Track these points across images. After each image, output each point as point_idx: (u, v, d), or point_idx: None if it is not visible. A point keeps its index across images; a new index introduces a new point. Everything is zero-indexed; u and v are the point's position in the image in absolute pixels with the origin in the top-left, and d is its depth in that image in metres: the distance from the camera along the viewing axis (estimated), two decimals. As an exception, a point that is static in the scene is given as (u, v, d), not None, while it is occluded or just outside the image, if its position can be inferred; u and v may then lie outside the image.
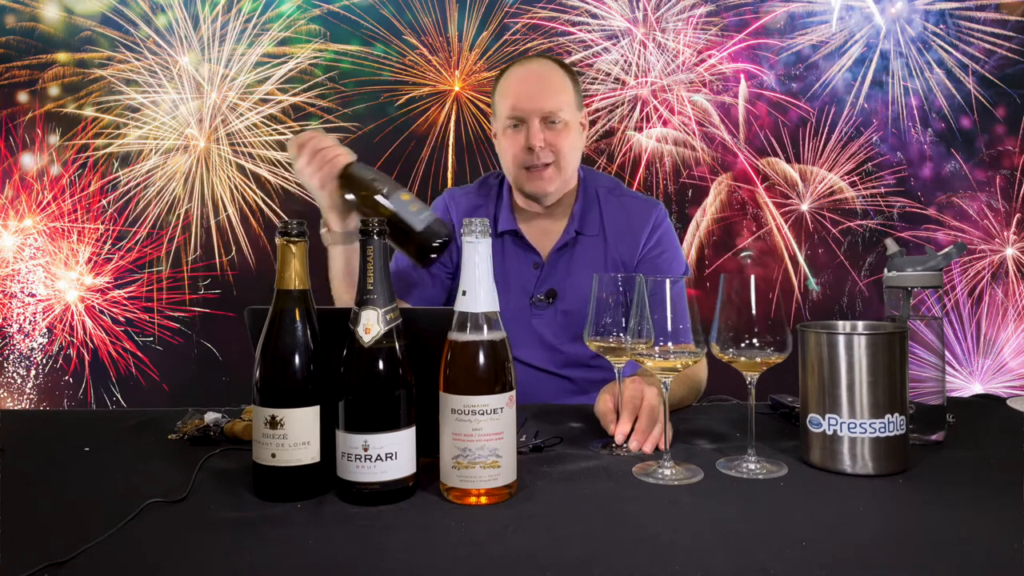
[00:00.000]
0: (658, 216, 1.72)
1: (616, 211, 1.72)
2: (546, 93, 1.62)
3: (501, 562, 0.79)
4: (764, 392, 1.30)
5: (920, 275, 1.21)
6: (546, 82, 1.63)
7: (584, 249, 1.69)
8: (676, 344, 1.05)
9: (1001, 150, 3.40)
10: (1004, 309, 3.40)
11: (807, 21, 3.41)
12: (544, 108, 1.60)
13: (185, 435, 1.25)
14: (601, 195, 1.73)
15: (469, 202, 1.76)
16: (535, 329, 1.67)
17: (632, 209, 1.72)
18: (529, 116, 1.60)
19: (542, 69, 1.66)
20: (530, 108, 1.60)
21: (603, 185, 1.76)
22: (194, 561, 0.80)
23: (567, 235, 1.69)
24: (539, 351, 1.66)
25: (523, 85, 1.64)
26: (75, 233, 3.41)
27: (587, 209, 1.71)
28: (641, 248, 1.69)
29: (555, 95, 1.62)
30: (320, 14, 3.41)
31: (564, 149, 1.62)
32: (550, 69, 1.66)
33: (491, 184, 1.79)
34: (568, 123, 1.63)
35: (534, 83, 1.63)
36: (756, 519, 0.90)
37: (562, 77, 1.65)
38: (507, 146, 1.65)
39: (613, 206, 1.72)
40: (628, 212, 1.72)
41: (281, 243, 0.99)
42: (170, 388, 3.38)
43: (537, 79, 1.64)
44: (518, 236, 1.70)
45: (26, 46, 3.39)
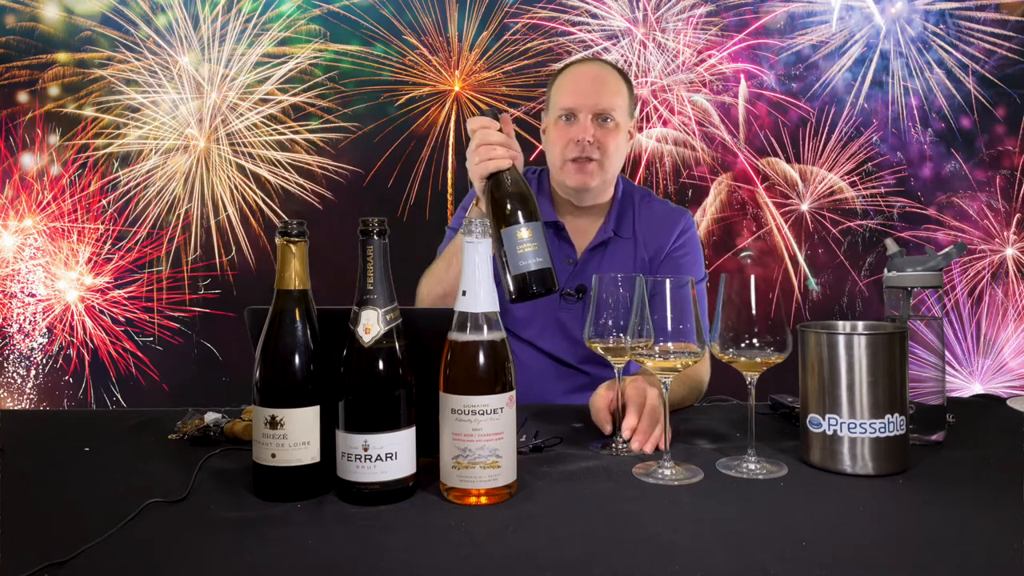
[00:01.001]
0: (687, 222, 1.77)
1: (648, 214, 1.77)
2: (601, 91, 1.66)
3: (501, 562, 0.79)
4: (764, 392, 1.30)
5: (920, 275, 1.21)
6: (602, 82, 1.67)
7: (617, 250, 1.73)
8: (676, 344, 1.05)
9: (1001, 150, 3.40)
10: (1004, 309, 3.40)
11: (807, 21, 3.41)
12: (598, 105, 1.64)
13: (185, 435, 1.25)
14: (636, 200, 1.78)
15: None
16: (562, 321, 1.69)
17: (662, 213, 1.78)
18: (581, 111, 1.64)
19: (601, 70, 1.71)
20: (583, 103, 1.64)
21: (637, 192, 1.81)
22: (194, 561, 0.80)
23: (603, 234, 1.72)
24: (563, 342, 1.69)
25: (580, 81, 1.68)
26: (75, 233, 3.41)
27: (623, 212, 1.76)
28: (668, 247, 1.73)
29: (610, 95, 1.66)
30: (320, 14, 3.41)
31: (610, 148, 1.65)
32: (608, 71, 1.71)
33: (530, 178, 1.82)
34: (619, 125, 1.66)
35: (590, 81, 1.67)
36: (756, 519, 0.90)
37: (619, 81, 1.70)
38: (555, 137, 1.68)
39: (646, 210, 1.77)
40: (660, 215, 1.77)
41: (281, 243, 0.99)
42: (170, 388, 3.38)
43: (595, 77, 1.68)
44: (559, 228, 1.73)
45: (26, 46, 3.39)
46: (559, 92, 1.69)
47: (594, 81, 1.67)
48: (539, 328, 1.70)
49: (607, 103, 1.64)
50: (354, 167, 3.37)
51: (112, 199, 3.40)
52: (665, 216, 1.77)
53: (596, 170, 1.66)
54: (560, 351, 1.70)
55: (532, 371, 1.69)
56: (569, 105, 1.65)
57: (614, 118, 1.65)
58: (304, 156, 3.40)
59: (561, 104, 1.67)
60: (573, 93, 1.66)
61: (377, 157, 3.34)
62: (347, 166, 3.38)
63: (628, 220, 1.75)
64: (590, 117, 1.64)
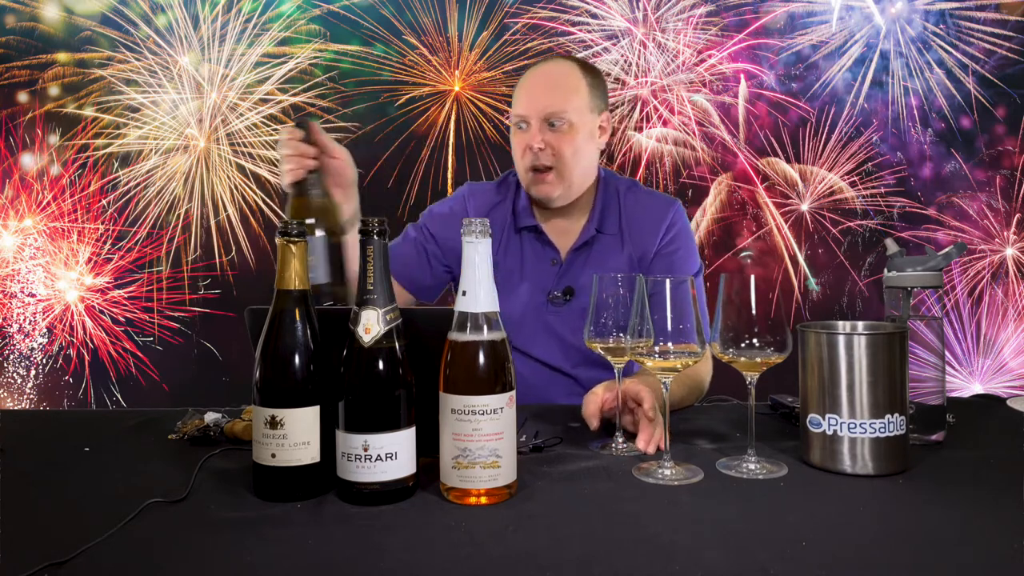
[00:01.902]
0: (675, 213, 1.71)
1: (634, 208, 1.71)
2: (551, 94, 1.60)
3: (501, 562, 0.79)
4: (764, 392, 1.30)
5: (920, 275, 1.21)
6: (553, 83, 1.62)
7: (603, 248, 1.68)
8: (676, 344, 1.05)
9: (1001, 150, 3.40)
10: (1004, 309, 3.40)
11: (807, 21, 3.41)
12: (545, 109, 1.58)
13: (185, 435, 1.25)
14: (621, 192, 1.72)
15: (487, 199, 1.76)
16: (551, 326, 1.67)
17: (650, 206, 1.72)
18: (531, 116, 1.60)
19: (554, 69, 1.65)
20: (531, 108, 1.60)
21: (622, 183, 1.75)
22: (194, 561, 0.80)
23: (587, 234, 1.68)
24: (553, 348, 1.66)
25: (530, 86, 1.63)
26: (75, 233, 3.41)
27: (607, 207, 1.70)
28: (658, 243, 1.68)
29: (561, 97, 1.59)
30: (320, 14, 3.41)
31: (565, 153, 1.60)
32: (563, 70, 1.64)
33: (510, 182, 1.78)
34: (574, 125, 1.60)
35: (540, 83, 1.62)
36: (756, 519, 0.90)
37: (576, 79, 1.62)
38: (514, 145, 1.65)
39: (632, 203, 1.71)
40: (646, 209, 1.71)
41: (281, 243, 0.99)
42: (170, 388, 3.38)
43: (545, 80, 1.63)
44: (538, 232, 1.70)
45: (26, 46, 3.39)
46: (514, 98, 1.65)
47: (544, 84, 1.62)
48: (528, 334, 1.67)
49: (556, 106, 1.58)
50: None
51: (112, 199, 3.40)
52: (652, 209, 1.71)
53: (554, 178, 1.61)
54: (551, 357, 1.67)
55: (524, 378, 1.64)
56: (519, 112, 1.61)
57: (566, 119, 1.59)
58: (304, 156, 3.40)
59: (514, 111, 1.63)
60: (522, 99, 1.62)
61: (377, 157, 3.34)
62: (347, 166, 3.38)
63: (612, 216, 1.70)
64: (540, 123, 1.59)
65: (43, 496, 1.00)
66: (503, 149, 3.36)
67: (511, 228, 1.72)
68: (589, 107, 1.64)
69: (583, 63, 1.69)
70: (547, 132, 1.59)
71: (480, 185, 1.81)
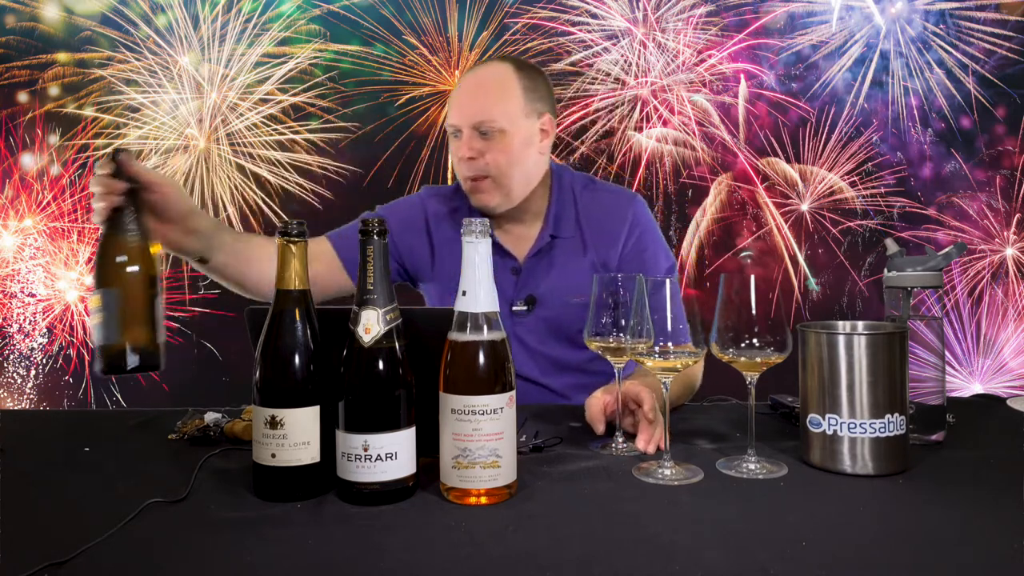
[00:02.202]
0: (636, 211, 1.66)
1: (593, 208, 1.66)
2: (479, 101, 1.54)
3: (501, 562, 0.78)
4: (764, 392, 1.30)
5: (920, 275, 1.21)
6: (483, 90, 1.56)
7: (561, 252, 1.63)
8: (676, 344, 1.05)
9: (1001, 150, 3.40)
10: (1004, 309, 3.40)
11: (807, 21, 3.41)
12: (474, 117, 1.53)
13: (185, 435, 1.25)
14: (577, 191, 1.67)
15: (444, 205, 1.70)
16: (518, 336, 1.62)
17: (609, 205, 1.66)
18: (461, 126, 1.55)
19: (484, 75, 1.59)
20: (460, 117, 1.55)
21: (578, 182, 1.69)
22: (194, 561, 0.80)
23: (542, 239, 1.63)
24: (525, 359, 1.62)
25: (459, 94, 1.58)
26: (75, 233, 3.41)
27: (562, 210, 1.65)
28: (621, 248, 1.63)
29: (490, 103, 1.53)
30: (320, 14, 3.41)
31: (500, 161, 1.54)
32: (494, 74, 1.58)
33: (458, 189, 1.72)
34: (506, 132, 1.53)
35: (469, 91, 1.57)
36: (756, 519, 0.90)
37: (508, 83, 1.56)
38: (451, 154, 1.60)
39: (589, 202, 1.66)
40: (605, 208, 1.66)
41: (281, 243, 0.99)
42: (170, 388, 3.38)
43: (474, 87, 1.57)
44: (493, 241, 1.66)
45: (26, 46, 3.39)
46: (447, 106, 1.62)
47: (473, 91, 1.57)
48: None
49: (485, 114, 1.52)
50: (354, 167, 3.37)
51: (112, 199, 3.39)
52: (612, 208, 1.65)
53: (491, 187, 1.56)
54: (525, 369, 1.63)
55: None
56: (450, 121, 1.57)
57: (497, 127, 1.52)
58: (304, 156, 3.41)
59: (447, 120, 1.59)
60: (453, 106, 1.57)
61: (377, 157, 3.34)
62: (347, 166, 3.38)
63: (569, 218, 1.64)
64: (470, 131, 1.54)
65: (43, 496, 1.00)
66: (503, 149, 3.36)
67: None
68: (524, 112, 1.56)
69: (520, 64, 1.62)
70: (478, 141, 1.54)
71: (438, 189, 1.77)
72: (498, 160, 1.54)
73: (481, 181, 1.56)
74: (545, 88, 1.63)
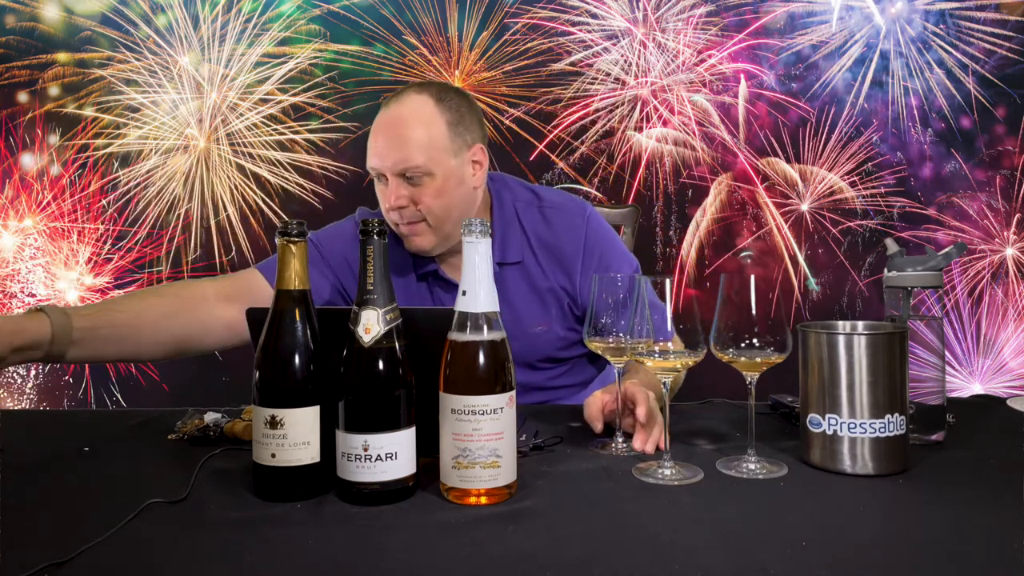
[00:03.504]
0: (588, 228, 1.56)
1: (541, 229, 1.56)
2: (401, 147, 1.42)
3: (501, 562, 0.78)
4: (764, 392, 1.30)
5: (920, 275, 1.21)
6: (400, 132, 1.42)
7: (512, 279, 1.55)
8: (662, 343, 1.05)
9: (1001, 150, 3.40)
10: (1004, 309, 3.40)
11: (807, 21, 3.41)
12: (397, 165, 1.42)
13: (184, 435, 1.25)
14: (521, 211, 1.57)
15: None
16: None
17: (558, 225, 1.56)
18: (384, 171, 1.44)
19: (402, 113, 1.44)
20: (382, 163, 1.44)
21: (520, 199, 1.59)
22: (194, 561, 0.80)
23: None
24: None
25: (377, 137, 1.45)
26: (75, 233, 3.41)
27: (507, 234, 1.55)
28: (580, 269, 1.56)
29: (412, 148, 1.41)
30: (320, 14, 3.41)
31: (431, 206, 1.44)
32: (414, 112, 1.44)
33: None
34: (435, 175, 1.43)
35: (385, 134, 1.44)
36: (756, 519, 0.90)
37: (431, 118, 1.43)
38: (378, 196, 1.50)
39: (536, 222, 1.56)
40: (555, 230, 1.56)
41: (281, 243, 0.99)
42: (170, 388, 3.38)
43: (391, 128, 1.43)
44: (437, 276, 1.57)
45: (26, 46, 3.39)
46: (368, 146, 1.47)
47: (390, 133, 1.43)
48: None
49: (409, 161, 1.41)
50: (354, 167, 3.37)
51: (112, 199, 3.40)
52: (563, 229, 1.56)
53: (426, 230, 1.47)
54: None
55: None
56: (372, 165, 1.46)
57: (421, 171, 1.42)
58: (304, 156, 3.41)
59: (368, 163, 1.47)
60: (373, 150, 1.45)
61: (377, 157, 3.34)
62: (347, 166, 3.38)
63: (514, 242, 1.54)
64: (396, 178, 1.43)
65: (43, 496, 1.00)
66: (503, 150, 3.36)
67: (413, 277, 1.58)
68: (451, 150, 1.45)
69: (440, 93, 1.47)
70: (405, 187, 1.43)
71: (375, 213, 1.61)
72: (430, 205, 1.44)
73: (415, 225, 1.47)
74: (471, 115, 1.50)
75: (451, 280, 1.56)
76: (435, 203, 1.44)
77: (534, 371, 1.62)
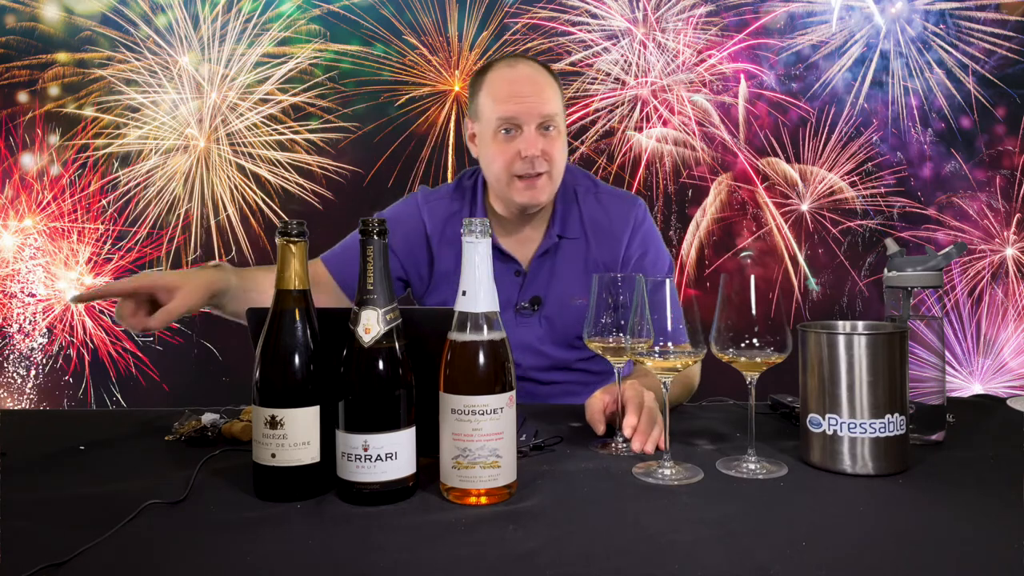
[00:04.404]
0: (638, 215, 1.66)
1: (596, 211, 1.66)
2: (542, 97, 1.52)
3: (501, 562, 0.78)
4: (764, 392, 1.30)
5: (920, 275, 1.21)
6: (540, 86, 1.54)
7: (566, 253, 1.64)
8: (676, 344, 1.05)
9: (1001, 150, 3.40)
10: (1004, 309, 3.40)
11: (807, 21, 3.41)
12: (542, 112, 1.52)
13: (182, 436, 1.25)
14: (580, 195, 1.67)
15: (445, 208, 1.68)
16: (520, 336, 1.61)
17: (612, 209, 1.66)
18: (525, 121, 1.51)
19: (534, 72, 1.56)
20: (527, 112, 1.51)
21: (580, 184, 1.69)
22: (194, 561, 0.80)
23: (549, 240, 1.63)
24: (526, 355, 1.62)
25: (517, 87, 1.53)
26: (75, 233, 3.41)
27: (567, 211, 1.65)
28: (624, 250, 1.64)
29: (550, 100, 1.53)
30: (320, 14, 3.41)
31: (557, 158, 1.55)
32: (541, 72, 1.57)
33: (465, 186, 1.71)
34: (560, 131, 1.56)
35: (528, 86, 1.53)
36: (756, 519, 0.90)
37: (552, 82, 1.58)
38: (496, 153, 1.54)
39: (592, 206, 1.66)
40: (608, 212, 1.66)
41: (281, 243, 0.99)
42: (170, 388, 3.38)
43: (532, 82, 1.54)
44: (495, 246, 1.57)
45: (26, 46, 3.39)
46: (493, 101, 1.53)
47: (533, 85, 1.53)
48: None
49: (549, 109, 1.52)
50: (354, 167, 3.37)
51: (112, 199, 3.40)
52: (615, 212, 1.65)
53: (546, 183, 1.55)
54: (528, 368, 1.63)
55: None
56: (510, 114, 1.51)
57: (556, 124, 1.54)
58: (304, 156, 3.41)
59: (500, 113, 1.52)
60: (512, 100, 1.51)
61: (377, 157, 3.34)
62: (347, 166, 3.38)
63: (574, 219, 1.64)
64: (534, 127, 1.51)
65: (43, 496, 1.00)
66: (503, 149, 3.36)
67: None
68: (563, 110, 1.60)
69: (545, 64, 1.62)
70: (540, 138, 1.52)
71: (435, 193, 1.73)
72: (555, 159, 1.54)
73: (538, 178, 1.54)
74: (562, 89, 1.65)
75: (507, 252, 1.64)
76: (559, 157, 1.55)
77: (570, 350, 1.63)
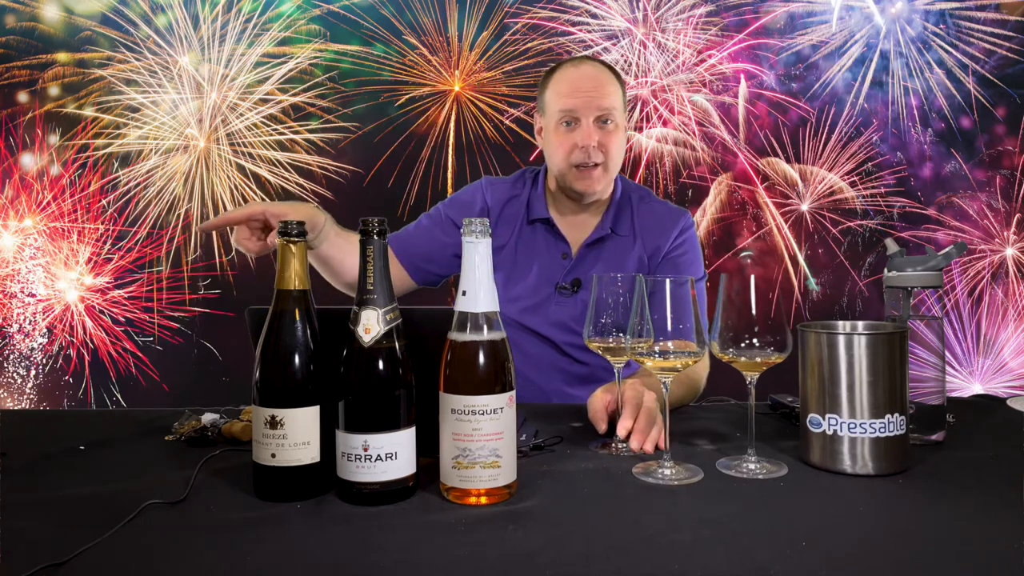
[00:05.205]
0: (686, 222, 1.78)
1: (647, 215, 1.77)
2: (601, 92, 1.65)
3: (501, 562, 0.78)
4: (764, 392, 1.30)
5: (920, 275, 1.21)
6: (601, 82, 1.66)
7: (615, 247, 1.74)
8: (676, 343, 1.05)
9: (1001, 150, 3.40)
10: (1004, 309, 3.40)
11: (807, 21, 3.41)
12: (600, 106, 1.63)
13: (182, 436, 1.25)
14: (634, 200, 1.79)
15: (504, 191, 1.80)
16: (556, 314, 1.71)
17: (662, 213, 1.78)
18: (583, 114, 1.63)
19: (596, 70, 1.69)
20: (585, 106, 1.63)
21: (635, 192, 1.81)
22: (194, 561, 0.80)
23: (601, 231, 1.73)
24: (557, 331, 1.70)
25: (579, 83, 1.66)
26: (75, 233, 3.41)
27: (621, 211, 1.76)
28: (667, 247, 1.74)
29: (609, 96, 1.65)
30: (320, 14, 3.41)
31: (613, 150, 1.66)
32: (604, 71, 1.70)
33: (527, 177, 1.83)
34: (618, 125, 1.67)
35: (589, 82, 1.66)
36: (756, 519, 0.90)
37: (614, 80, 1.69)
38: (557, 144, 1.67)
39: (645, 211, 1.78)
40: (658, 216, 1.77)
41: (281, 243, 0.99)
42: (170, 388, 3.38)
43: (592, 79, 1.67)
44: (550, 225, 1.75)
45: (26, 46, 3.39)
46: (557, 94, 1.68)
47: (593, 81, 1.66)
48: (539, 319, 1.72)
49: (607, 104, 1.64)
50: (354, 167, 3.37)
51: (112, 199, 3.40)
52: (665, 215, 1.77)
53: (601, 174, 1.66)
54: (556, 338, 1.71)
55: (533, 358, 1.70)
56: (569, 107, 1.64)
57: (614, 119, 1.65)
58: (304, 156, 3.41)
59: (561, 107, 1.65)
60: (573, 95, 1.65)
61: (377, 157, 3.34)
62: (347, 166, 3.38)
63: (626, 218, 1.76)
64: (591, 120, 1.63)
65: (43, 496, 1.00)
66: (503, 149, 3.36)
67: (524, 219, 1.77)
68: (624, 109, 1.71)
69: (610, 66, 1.75)
70: (598, 130, 1.64)
71: (498, 179, 1.86)
72: (612, 149, 1.66)
73: (594, 169, 1.65)
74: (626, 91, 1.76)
75: (561, 233, 1.74)
76: (615, 149, 1.67)
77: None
